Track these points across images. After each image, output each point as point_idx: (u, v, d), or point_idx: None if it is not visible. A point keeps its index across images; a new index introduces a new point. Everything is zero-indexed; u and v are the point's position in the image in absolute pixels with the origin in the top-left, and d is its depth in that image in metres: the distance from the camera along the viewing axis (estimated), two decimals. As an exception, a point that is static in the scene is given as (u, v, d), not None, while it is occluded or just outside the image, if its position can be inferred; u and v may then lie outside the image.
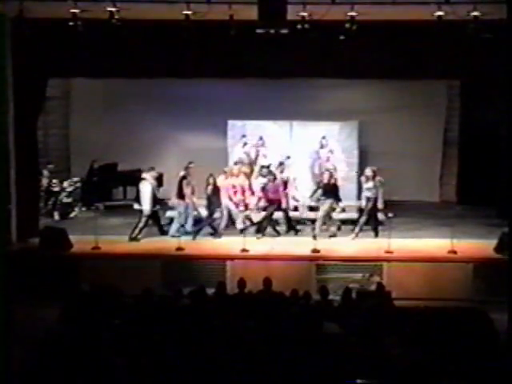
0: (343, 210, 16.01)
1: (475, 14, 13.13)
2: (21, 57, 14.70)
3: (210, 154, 17.47)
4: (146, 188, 15.45)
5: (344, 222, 16.16)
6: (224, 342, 9.40)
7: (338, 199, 15.60)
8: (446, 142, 19.38)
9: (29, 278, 13.62)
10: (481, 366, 8.96)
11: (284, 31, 13.67)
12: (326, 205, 15.54)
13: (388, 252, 14.32)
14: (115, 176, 18.83)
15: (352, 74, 15.97)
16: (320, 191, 15.97)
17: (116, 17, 13.30)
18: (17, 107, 14.89)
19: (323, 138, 17.31)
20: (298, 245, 14.98)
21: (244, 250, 14.41)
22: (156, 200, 15.56)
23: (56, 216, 17.21)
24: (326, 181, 15.70)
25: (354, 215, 16.21)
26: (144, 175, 15.62)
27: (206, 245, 15.18)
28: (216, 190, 15.49)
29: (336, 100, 18.52)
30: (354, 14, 13.31)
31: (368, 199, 15.51)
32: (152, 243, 15.11)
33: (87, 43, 14.53)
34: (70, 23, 13.42)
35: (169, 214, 16.51)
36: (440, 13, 13.18)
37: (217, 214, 15.53)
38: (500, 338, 9.97)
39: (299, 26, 13.44)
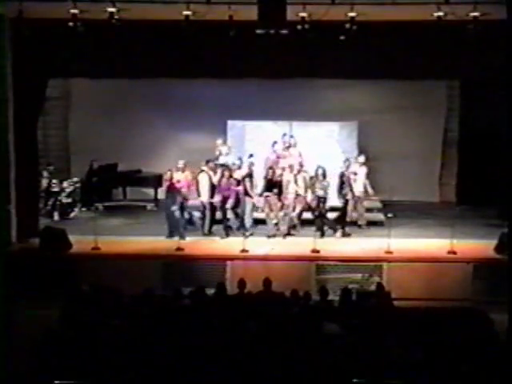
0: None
1: (475, 14, 13.15)
2: (21, 57, 14.71)
3: (209, 154, 17.44)
4: (204, 180, 15.88)
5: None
6: (224, 342, 9.40)
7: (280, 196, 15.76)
8: (446, 142, 19.38)
9: (29, 278, 13.62)
10: (481, 366, 8.97)
11: (284, 31, 13.69)
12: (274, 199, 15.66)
13: (388, 252, 14.33)
14: (115, 176, 18.82)
15: (352, 74, 15.96)
16: (266, 186, 15.88)
17: (116, 17, 13.31)
18: (17, 107, 14.89)
19: (291, 136, 17.08)
20: (298, 245, 14.99)
21: (244, 251, 14.41)
22: (214, 191, 15.83)
23: (56, 216, 17.19)
24: (278, 178, 15.76)
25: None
26: (202, 167, 15.95)
27: (206, 245, 15.17)
28: (172, 186, 15.52)
29: (336, 100, 18.50)
30: (353, 14, 13.33)
31: (319, 198, 15.58)
32: (152, 243, 15.09)
33: (87, 43, 14.53)
34: (70, 23, 13.43)
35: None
36: (440, 13, 13.20)
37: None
38: (500, 338, 9.98)
39: (299, 27, 13.45)
